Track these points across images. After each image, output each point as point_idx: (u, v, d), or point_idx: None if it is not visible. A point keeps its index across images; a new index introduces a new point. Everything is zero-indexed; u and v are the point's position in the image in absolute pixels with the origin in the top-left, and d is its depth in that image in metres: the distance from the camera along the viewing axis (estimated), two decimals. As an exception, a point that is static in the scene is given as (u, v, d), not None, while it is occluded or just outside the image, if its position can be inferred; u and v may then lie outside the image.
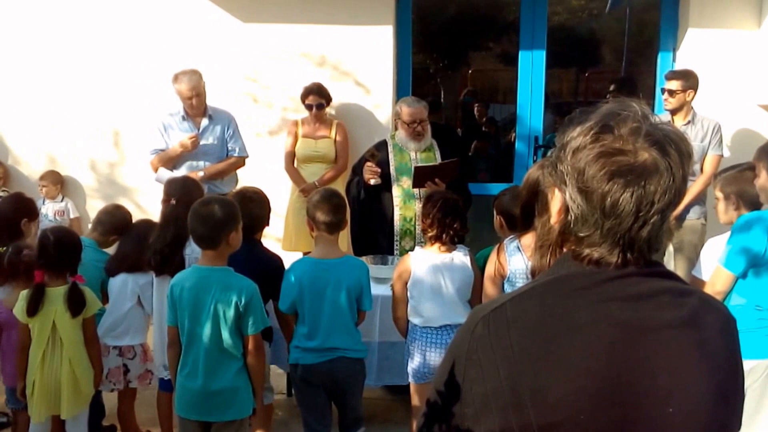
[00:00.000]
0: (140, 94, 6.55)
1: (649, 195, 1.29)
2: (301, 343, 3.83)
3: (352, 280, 3.82)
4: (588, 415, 1.27)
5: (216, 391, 3.45)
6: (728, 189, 3.73)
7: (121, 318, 4.27)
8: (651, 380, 1.29)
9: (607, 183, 1.30)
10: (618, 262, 1.34)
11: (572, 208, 1.35)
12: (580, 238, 1.36)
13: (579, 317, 1.31)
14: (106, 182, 6.79)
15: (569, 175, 1.35)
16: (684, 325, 1.33)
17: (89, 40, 6.60)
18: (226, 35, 6.49)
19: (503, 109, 11.11)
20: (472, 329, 1.37)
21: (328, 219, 3.83)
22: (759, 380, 3.45)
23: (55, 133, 6.75)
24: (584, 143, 1.33)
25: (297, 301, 3.82)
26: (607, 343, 1.29)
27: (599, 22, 11.90)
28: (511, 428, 1.30)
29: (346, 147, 6.23)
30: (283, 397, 5.11)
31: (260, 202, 4.20)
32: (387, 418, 4.84)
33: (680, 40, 6.38)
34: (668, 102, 5.61)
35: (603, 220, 1.32)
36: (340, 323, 3.80)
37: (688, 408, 1.30)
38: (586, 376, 1.28)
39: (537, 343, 1.31)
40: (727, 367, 1.38)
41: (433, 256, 3.96)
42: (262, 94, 6.55)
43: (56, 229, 4.05)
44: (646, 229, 1.32)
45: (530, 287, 1.41)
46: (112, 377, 4.25)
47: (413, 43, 6.78)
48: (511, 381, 1.30)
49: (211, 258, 3.49)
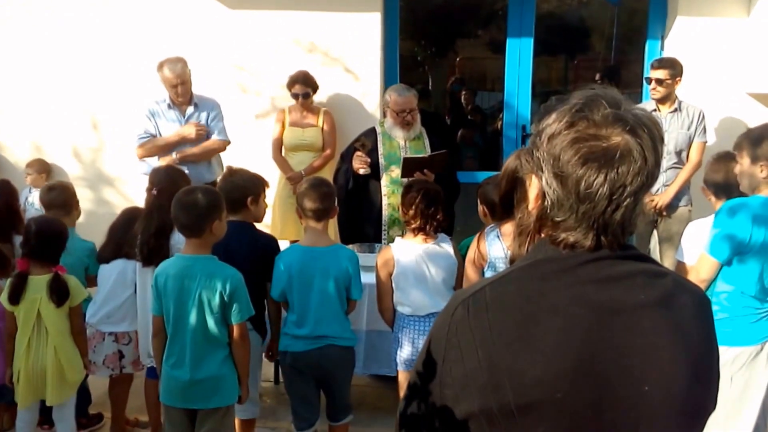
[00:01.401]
0: (126, 82, 6.50)
1: (621, 178, 1.32)
2: (291, 331, 3.84)
3: (341, 269, 3.82)
4: (564, 395, 1.30)
5: (202, 379, 3.46)
6: (715, 177, 3.74)
7: (119, 305, 4.27)
8: (626, 360, 1.32)
9: (581, 167, 1.33)
10: (592, 245, 1.37)
11: (548, 194, 1.39)
12: (556, 223, 1.40)
13: (555, 299, 1.34)
14: (91, 170, 6.74)
15: (545, 161, 1.38)
16: (658, 305, 1.36)
17: (75, 28, 6.54)
18: (212, 22, 6.43)
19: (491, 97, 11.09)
20: (452, 312, 1.40)
21: (315, 206, 3.83)
22: (744, 366, 3.47)
23: (41, 120, 6.70)
24: (559, 129, 1.37)
25: (287, 289, 3.83)
26: (583, 325, 1.32)
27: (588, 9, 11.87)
28: (490, 409, 1.33)
29: (333, 135, 6.20)
30: (271, 385, 5.12)
31: (246, 174, 4.15)
32: (376, 405, 4.85)
33: (669, 28, 6.37)
34: (656, 91, 5.61)
35: (578, 204, 1.35)
36: (329, 311, 3.81)
37: (664, 387, 1.33)
38: (562, 357, 1.30)
39: (514, 324, 1.34)
40: (701, 348, 1.41)
41: (417, 245, 3.97)
42: (248, 81, 6.50)
43: (38, 219, 4.06)
44: (620, 212, 1.35)
45: (509, 271, 1.44)
46: (110, 363, 4.27)
47: (401, 31, 6.75)
48: (489, 362, 1.33)
49: (195, 246, 3.47)
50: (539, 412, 1.31)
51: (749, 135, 3.52)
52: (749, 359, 3.46)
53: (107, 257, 4.30)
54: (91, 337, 4.25)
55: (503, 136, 6.79)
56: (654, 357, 1.33)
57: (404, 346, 3.99)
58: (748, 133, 3.54)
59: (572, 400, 1.30)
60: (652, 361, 1.33)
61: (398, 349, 4.02)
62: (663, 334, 1.35)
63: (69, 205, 4.45)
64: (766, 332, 3.49)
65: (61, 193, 4.46)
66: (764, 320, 3.48)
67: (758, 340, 3.47)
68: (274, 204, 6.17)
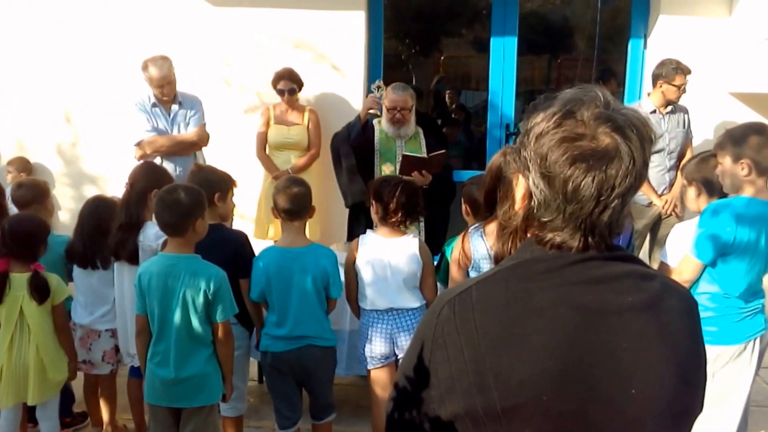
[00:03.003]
0: (110, 80, 6.46)
1: (610, 179, 1.31)
2: (271, 331, 3.84)
3: (318, 268, 3.81)
4: (550, 397, 1.29)
5: (186, 378, 3.45)
6: (694, 176, 3.75)
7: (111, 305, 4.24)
8: (613, 363, 1.31)
9: (569, 168, 1.32)
10: (579, 246, 1.36)
11: (535, 194, 1.37)
12: (543, 223, 1.38)
13: (541, 300, 1.32)
14: (74, 168, 6.69)
15: (532, 161, 1.36)
16: (645, 308, 1.35)
17: (59, 26, 6.49)
18: (195, 19, 6.40)
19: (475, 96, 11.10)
20: (438, 312, 1.39)
21: (287, 207, 3.83)
22: (727, 365, 3.48)
23: (24, 118, 6.64)
24: (547, 129, 1.35)
25: (265, 290, 3.83)
26: (569, 326, 1.31)
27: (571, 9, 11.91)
28: (476, 410, 1.32)
29: (319, 134, 6.19)
30: (255, 384, 5.10)
31: (214, 171, 4.14)
32: (358, 404, 4.85)
33: (651, 27, 6.42)
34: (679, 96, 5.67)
35: (565, 204, 1.34)
36: (308, 311, 3.80)
37: (651, 390, 1.32)
38: (548, 359, 1.29)
39: (500, 325, 1.32)
40: (689, 350, 1.40)
41: (380, 239, 3.95)
42: (232, 79, 6.47)
43: (12, 217, 4.06)
44: (607, 213, 1.34)
45: (495, 271, 1.43)
46: (109, 358, 4.26)
47: (385, 29, 6.75)
48: (475, 363, 1.31)
49: (178, 245, 3.46)
50: (525, 415, 1.30)
51: (731, 134, 3.53)
52: (732, 358, 3.48)
53: (80, 260, 4.24)
54: (85, 337, 4.22)
55: (488, 135, 6.81)
56: (641, 360, 1.33)
57: (364, 341, 3.97)
58: (730, 133, 3.55)
59: (558, 402, 1.29)
60: (640, 364, 1.32)
61: (366, 345, 3.98)
62: (650, 338, 1.34)
63: (41, 200, 4.40)
64: (749, 331, 3.51)
65: (29, 189, 4.42)
66: (747, 320, 3.50)
67: (741, 339, 3.49)
68: (260, 202, 6.16)
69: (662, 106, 5.71)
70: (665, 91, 5.64)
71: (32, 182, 4.57)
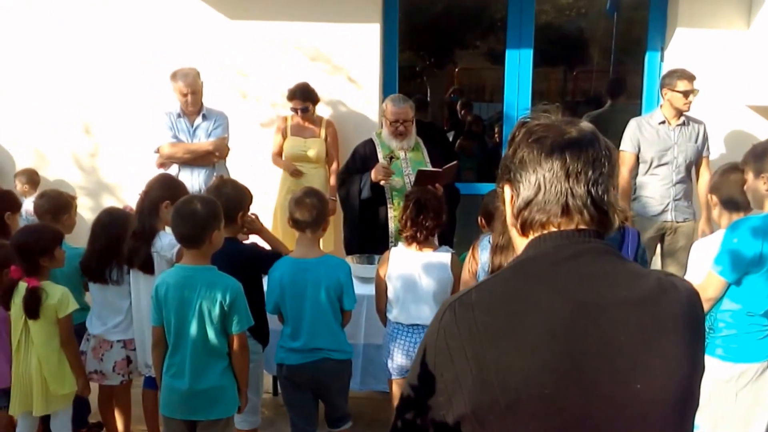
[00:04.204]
0: (128, 91, 6.49)
1: (586, 163, 1.45)
2: (286, 344, 3.84)
3: (332, 279, 3.81)
4: (552, 389, 1.32)
5: (202, 390, 3.44)
6: (715, 192, 3.70)
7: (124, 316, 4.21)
8: (613, 355, 1.35)
9: (545, 159, 1.46)
10: (571, 225, 1.47)
11: (522, 195, 1.49)
12: (534, 219, 1.49)
13: (538, 296, 1.38)
14: (91, 178, 6.71)
15: (514, 166, 1.51)
16: (641, 302, 1.40)
17: (78, 37, 6.52)
18: (213, 32, 6.43)
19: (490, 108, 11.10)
20: (441, 318, 1.44)
21: (303, 218, 3.83)
22: (750, 383, 3.43)
23: (41, 129, 6.67)
24: (520, 139, 1.52)
25: (279, 302, 3.83)
26: (566, 320, 1.36)
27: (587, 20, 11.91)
28: (481, 408, 1.35)
29: (337, 146, 6.20)
30: (269, 396, 5.09)
31: (236, 186, 4.13)
32: (374, 417, 4.83)
33: (668, 40, 6.39)
34: (690, 104, 5.50)
35: (546, 195, 1.46)
36: (323, 323, 3.80)
37: (656, 384, 1.36)
38: (546, 351, 1.33)
39: (499, 320, 1.37)
40: (690, 344, 1.43)
41: (412, 253, 3.98)
42: (250, 91, 6.49)
43: (21, 228, 4.11)
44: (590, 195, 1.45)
45: (494, 275, 1.52)
46: (120, 369, 4.22)
47: (400, 41, 6.75)
48: (476, 360, 1.35)
49: (194, 257, 3.46)
50: (528, 410, 1.33)
51: (753, 150, 3.50)
52: (755, 376, 3.42)
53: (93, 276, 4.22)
54: (97, 347, 4.21)
55: (503, 147, 6.79)
56: (642, 354, 1.36)
57: (389, 352, 4.00)
58: (753, 148, 3.52)
59: (560, 396, 1.32)
60: (640, 357, 1.36)
61: (389, 358, 4.02)
62: (649, 332, 1.38)
63: (57, 213, 4.40)
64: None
65: (48, 201, 4.43)
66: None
67: (764, 357, 3.44)
68: (275, 213, 6.16)
69: (673, 118, 5.57)
70: (671, 99, 5.53)
71: (55, 194, 4.56)
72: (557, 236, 1.46)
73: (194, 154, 5.64)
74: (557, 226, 1.47)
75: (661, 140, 5.55)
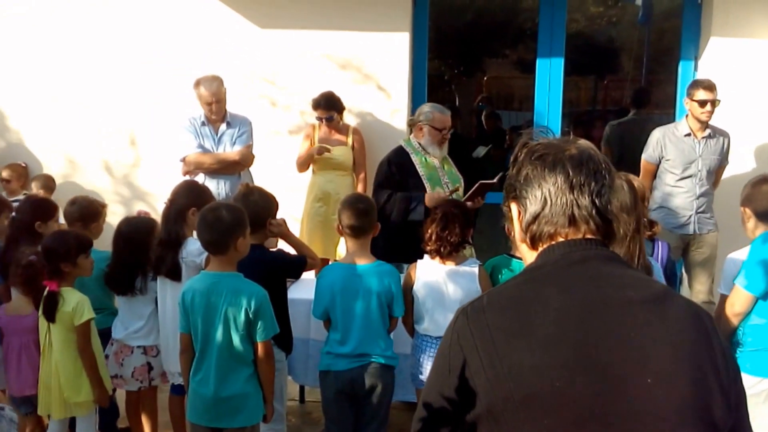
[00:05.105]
0: (160, 99, 6.55)
1: (588, 175, 1.52)
2: (334, 349, 3.82)
3: (383, 286, 3.81)
4: (563, 385, 1.37)
5: (227, 397, 3.43)
6: (755, 205, 3.60)
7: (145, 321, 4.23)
8: (623, 351, 1.39)
9: (549, 174, 1.53)
10: (578, 234, 1.53)
11: (529, 210, 1.56)
12: (543, 232, 1.56)
13: (548, 297, 1.45)
14: (124, 186, 6.79)
15: (519, 183, 1.59)
16: (650, 302, 1.45)
17: (110, 45, 6.60)
18: (243, 40, 6.48)
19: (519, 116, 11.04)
20: (454, 323, 1.53)
21: (353, 223, 3.83)
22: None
23: (76, 136, 6.75)
24: (522, 159, 1.60)
25: (329, 307, 3.83)
26: (576, 317, 1.41)
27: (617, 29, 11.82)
28: (496, 406, 1.40)
29: (364, 154, 6.20)
30: (296, 404, 5.08)
31: (263, 194, 4.11)
32: (401, 428, 4.77)
33: (702, 49, 6.31)
34: (710, 114, 5.42)
35: (553, 208, 1.53)
36: (373, 329, 3.80)
37: (667, 379, 1.38)
38: (557, 346, 1.39)
39: (511, 319, 1.44)
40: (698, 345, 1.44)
41: (438, 266, 3.96)
42: (279, 99, 6.52)
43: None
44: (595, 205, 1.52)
45: (506, 281, 1.63)
46: (139, 375, 4.23)
47: (429, 50, 6.75)
48: (489, 359, 1.42)
49: (220, 263, 3.46)
50: (541, 405, 1.37)
51: None
52: None
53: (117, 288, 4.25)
54: (118, 352, 4.23)
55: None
56: (652, 350, 1.39)
57: (423, 367, 3.96)
58: None
59: (572, 390, 1.36)
60: (651, 353, 1.39)
61: (418, 369, 4.00)
62: (658, 331, 1.41)
63: (87, 220, 4.43)
64: None
65: (78, 208, 4.47)
66: None
67: None
68: (302, 220, 6.16)
69: (699, 130, 5.49)
70: (691, 109, 5.46)
71: (86, 201, 4.59)
72: (565, 245, 1.53)
73: (221, 164, 5.66)
74: (565, 236, 1.54)
75: (685, 152, 5.49)
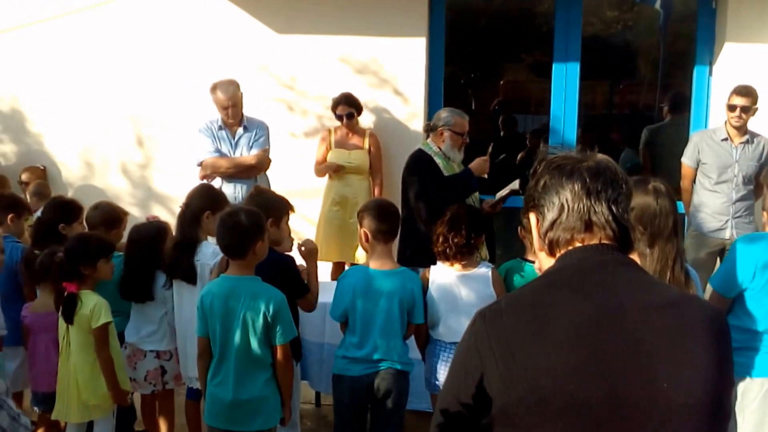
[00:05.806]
0: (178, 102, 6.61)
1: (605, 183, 1.55)
2: (349, 353, 3.82)
3: (406, 292, 3.82)
4: (577, 388, 1.38)
5: (245, 400, 3.46)
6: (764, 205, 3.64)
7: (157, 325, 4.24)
8: (637, 355, 1.41)
9: (566, 181, 1.57)
10: (595, 239, 1.55)
11: (547, 217, 1.59)
12: (560, 238, 1.58)
13: (564, 301, 1.47)
14: (141, 188, 6.85)
15: (537, 193, 1.62)
16: (664, 307, 1.47)
17: (129, 50, 6.66)
18: (261, 45, 6.52)
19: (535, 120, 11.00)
20: (472, 325, 1.54)
21: (388, 228, 3.84)
22: (757, 399, 3.37)
23: (95, 139, 6.82)
24: (541, 170, 1.63)
25: (349, 309, 3.83)
26: (591, 321, 1.43)
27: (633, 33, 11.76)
28: (511, 408, 1.42)
29: (380, 158, 6.24)
30: (312, 407, 5.10)
31: (271, 196, 4.15)
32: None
33: (717, 54, 6.29)
34: (740, 119, 5.43)
35: (570, 214, 1.56)
36: (392, 334, 3.80)
37: (683, 384, 1.39)
38: (571, 350, 1.41)
39: (527, 323, 1.46)
40: (714, 349, 1.45)
41: (450, 271, 3.97)
42: (296, 103, 6.57)
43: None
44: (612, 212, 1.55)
45: (523, 285, 1.67)
46: (152, 379, 4.26)
47: (445, 54, 6.76)
48: (504, 360, 1.44)
49: (239, 267, 3.50)
50: (555, 408, 1.39)
51: None
52: (761, 393, 3.36)
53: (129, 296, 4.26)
54: (131, 355, 4.25)
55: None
56: (668, 354, 1.41)
57: (438, 372, 3.96)
58: None
59: (586, 394, 1.38)
60: (667, 358, 1.40)
61: (432, 375, 4.01)
62: (675, 335, 1.43)
63: (108, 226, 4.46)
64: None
65: (100, 212, 4.51)
66: None
67: None
68: (319, 224, 6.19)
69: (736, 135, 5.51)
70: (727, 115, 5.50)
71: (108, 207, 4.63)
72: (582, 250, 1.56)
73: (238, 168, 5.70)
74: (581, 241, 1.56)
75: (721, 157, 5.49)
